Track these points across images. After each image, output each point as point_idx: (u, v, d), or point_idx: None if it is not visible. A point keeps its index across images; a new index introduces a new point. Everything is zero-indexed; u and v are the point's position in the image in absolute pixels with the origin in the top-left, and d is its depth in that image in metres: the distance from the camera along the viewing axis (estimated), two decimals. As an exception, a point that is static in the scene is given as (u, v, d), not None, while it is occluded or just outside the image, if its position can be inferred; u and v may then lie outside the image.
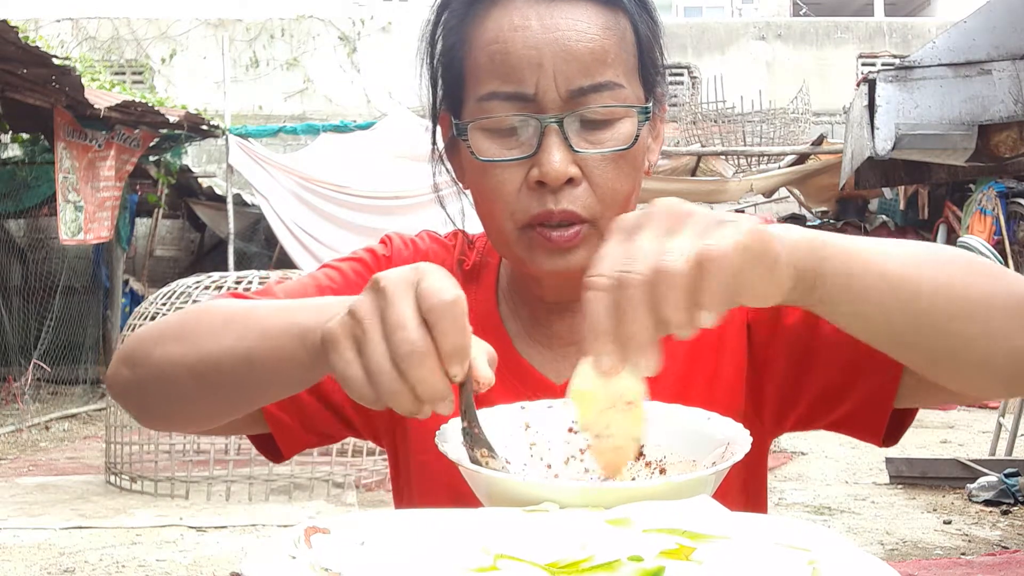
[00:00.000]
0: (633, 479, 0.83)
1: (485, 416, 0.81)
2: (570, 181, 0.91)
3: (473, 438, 0.77)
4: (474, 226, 1.08)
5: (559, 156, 0.90)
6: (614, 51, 0.93)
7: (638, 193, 0.98)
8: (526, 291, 1.04)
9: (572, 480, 0.85)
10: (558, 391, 0.97)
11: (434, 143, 1.05)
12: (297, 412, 1.02)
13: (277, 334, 0.81)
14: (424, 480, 1.03)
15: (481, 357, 0.73)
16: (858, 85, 5.69)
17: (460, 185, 1.04)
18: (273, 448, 1.05)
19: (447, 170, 1.05)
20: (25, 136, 10.02)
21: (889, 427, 0.95)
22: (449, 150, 1.04)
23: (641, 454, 0.84)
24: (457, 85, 0.97)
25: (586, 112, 0.92)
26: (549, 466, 0.86)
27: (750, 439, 0.78)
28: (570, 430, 0.87)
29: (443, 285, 0.70)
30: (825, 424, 1.00)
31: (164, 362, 0.89)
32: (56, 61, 7.34)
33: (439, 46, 1.00)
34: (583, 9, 0.92)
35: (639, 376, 0.72)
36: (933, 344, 0.79)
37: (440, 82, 1.01)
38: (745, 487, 1.05)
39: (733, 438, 0.79)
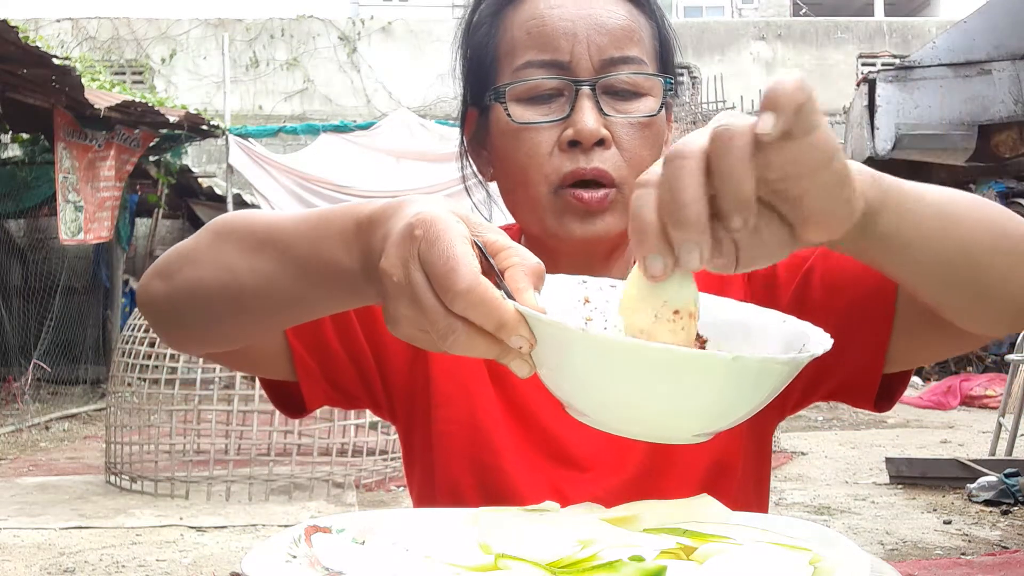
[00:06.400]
0: None
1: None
2: (601, 143, 0.97)
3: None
4: (495, 219, 1.13)
5: (592, 116, 0.97)
6: (638, 33, 1.01)
7: None
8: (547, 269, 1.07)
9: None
10: None
11: (463, 139, 1.11)
12: (324, 357, 1.04)
13: (318, 268, 0.79)
14: (446, 451, 1.05)
15: (527, 291, 0.66)
16: (858, 85, 5.68)
17: (483, 179, 1.10)
18: (290, 402, 1.07)
19: (470, 165, 1.11)
20: (25, 136, 10.03)
21: (883, 391, 0.99)
22: (473, 146, 1.09)
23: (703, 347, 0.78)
24: (490, 72, 1.03)
25: (615, 81, 0.99)
26: None
27: (828, 338, 0.70)
28: None
29: (448, 260, 0.64)
30: (821, 396, 1.03)
31: (200, 281, 0.89)
32: (56, 61, 7.35)
33: (471, 44, 1.06)
34: None
35: (688, 279, 0.64)
36: (975, 280, 0.79)
37: (471, 78, 1.06)
38: (755, 477, 1.07)
39: (809, 337, 0.71)
